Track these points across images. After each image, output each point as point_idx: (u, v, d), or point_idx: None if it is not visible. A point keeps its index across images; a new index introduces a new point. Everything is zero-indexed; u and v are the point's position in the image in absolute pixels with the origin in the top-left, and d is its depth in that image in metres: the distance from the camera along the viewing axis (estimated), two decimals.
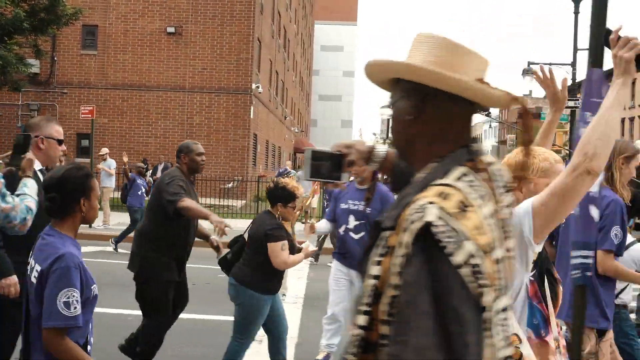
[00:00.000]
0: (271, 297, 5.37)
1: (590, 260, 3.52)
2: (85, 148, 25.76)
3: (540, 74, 3.37)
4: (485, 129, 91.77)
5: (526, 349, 2.42)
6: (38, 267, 3.03)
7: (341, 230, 6.36)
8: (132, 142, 27.07)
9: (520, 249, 2.42)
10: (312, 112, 72.49)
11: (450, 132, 1.65)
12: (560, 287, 2.75)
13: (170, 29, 27.20)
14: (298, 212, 12.31)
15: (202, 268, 10.68)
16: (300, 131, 55.17)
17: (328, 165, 2.16)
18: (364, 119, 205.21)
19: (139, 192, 14.20)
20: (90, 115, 19.31)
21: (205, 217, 5.39)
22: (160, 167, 22.16)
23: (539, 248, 2.52)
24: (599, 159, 2.38)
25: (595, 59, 3.46)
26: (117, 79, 27.33)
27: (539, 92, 61.30)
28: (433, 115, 1.65)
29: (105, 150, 18.32)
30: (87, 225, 11.59)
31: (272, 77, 35.65)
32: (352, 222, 6.28)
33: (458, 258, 1.42)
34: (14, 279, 4.00)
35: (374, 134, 78.86)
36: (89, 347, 3.09)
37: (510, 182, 1.70)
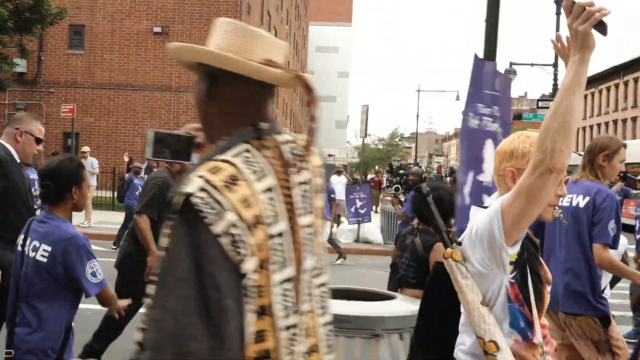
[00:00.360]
0: None
1: None
2: (71, 147, 25.80)
3: (557, 43, 2.86)
4: None
5: (505, 356, 2.30)
6: (47, 247, 3.42)
7: None
8: (118, 141, 27.13)
9: (493, 250, 2.30)
10: (306, 113, 72.49)
11: (241, 112, 1.75)
12: (547, 288, 2.51)
13: (157, 29, 27.28)
14: None
15: None
16: (294, 132, 55.21)
17: (173, 146, 2.24)
18: (358, 119, 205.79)
19: (137, 193, 14.31)
20: (70, 114, 19.35)
21: (147, 248, 5.50)
22: (143, 167, 22.18)
23: (514, 249, 2.35)
24: (562, 154, 2.14)
25: (489, 52, 3.55)
26: (103, 79, 27.39)
27: (530, 93, 61.37)
28: (224, 95, 1.76)
29: (86, 148, 18.38)
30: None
31: None
32: None
33: (218, 228, 1.50)
34: None
35: (369, 134, 78.85)
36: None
37: (301, 159, 1.78)
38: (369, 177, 40.15)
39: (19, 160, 4.30)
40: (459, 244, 2.43)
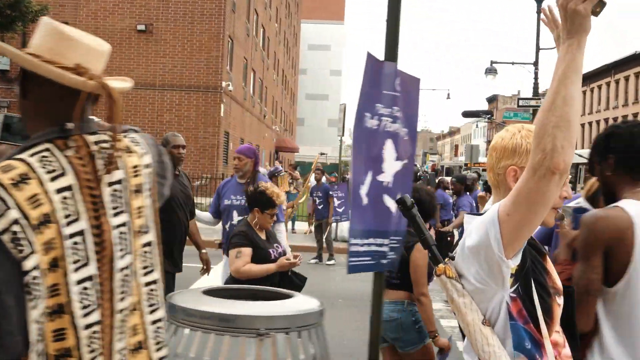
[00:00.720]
0: None
1: (385, 249, 3.63)
2: None
3: (548, 14, 2.65)
4: (473, 129, 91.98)
5: None
6: None
7: (227, 226, 6.36)
8: None
9: (491, 264, 2.04)
10: (298, 111, 72.54)
11: (49, 112, 1.80)
12: (558, 299, 2.19)
13: (141, 27, 27.24)
14: (290, 210, 12.25)
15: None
16: (284, 130, 55.23)
17: (22, 131, 2.30)
18: (350, 118, 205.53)
19: None
20: None
21: None
22: None
23: (515, 262, 2.05)
24: (564, 152, 1.87)
25: (390, 53, 3.57)
26: None
27: (506, 90, 61.42)
28: (34, 95, 1.81)
29: None
30: None
31: (248, 75, 35.68)
32: (236, 217, 6.29)
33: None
34: None
35: None
36: None
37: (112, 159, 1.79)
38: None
39: None
40: (452, 258, 2.18)
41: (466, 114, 25.78)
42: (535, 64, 20.95)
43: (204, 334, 2.99)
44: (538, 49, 20.76)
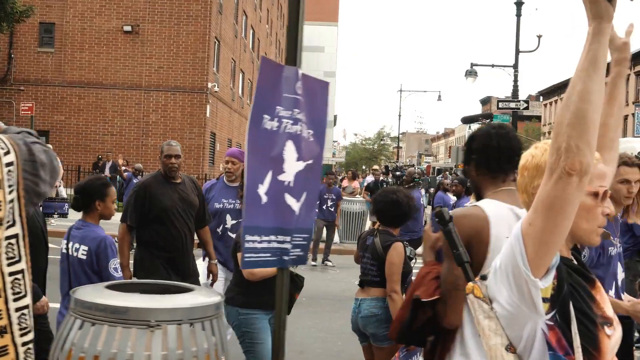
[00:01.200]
0: (263, 312, 4.93)
1: (287, 245, 3.76)
2: None
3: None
4: (467, 130, 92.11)
5: None
6: (85, 247, 4.39)
7: (219, 229, 6.29)
8: (88, 139, 27.24)
9: (519, 284, 1.88)
10: None
11: None
12: (607, 329, 1.97)
13: (127, 28, 27.38)
14: None
15: None
16: None
17: None
18: (344, 119, 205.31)
19: None
20: (29, 112, 19.47)
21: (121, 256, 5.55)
22: (108, 165, 22.31)
23: (546, 281, 1.88)
24: (579, 153, 1.73)
25: (291, 57, 3.71)
26: (74, 77, 27.49)
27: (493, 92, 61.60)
28: None
29: (49, 146, 18.54)
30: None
31: (236, 76, 35.81)
32: (230, 221, 6.25)
33: None
34: (45, 299, 4.42)
35: (355, 134, 79.16)
36: None
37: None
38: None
39: None
40: (483, 277, 2.07)
41: (465, 120, 25.63)
42: (515, 66, 21.14)
43: (99, 326, 3.13)
44: (518, 52, 20.97)
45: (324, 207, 14.14)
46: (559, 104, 1.84)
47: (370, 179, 19.99)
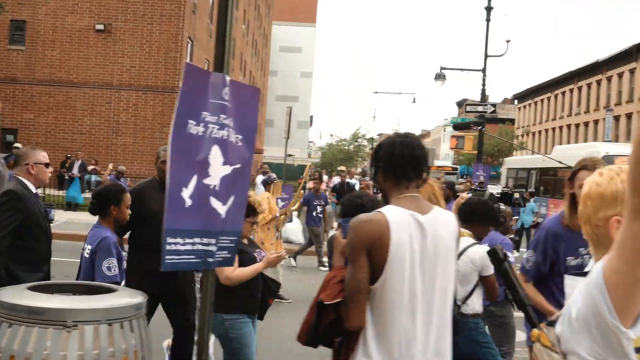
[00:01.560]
0: (248, 316, 4.96)
1: (213, 248, 3.83)
2: (9, 143, 25.70)
3: None
4: (442, 132, 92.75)
5: None
6: (89, 247, 4.62)
7: None
8: (57, 138, 27.05)
9: (606, 335, 1.72)
10: (268, 113, 72.58)
11: None
12: None
13: (99, 26, 27.24)
14: (284, 217, 12.22)
15: None
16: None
17: None
18: (320, 120, 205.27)
19: None
20: None
21: None
22: (77, 164, 22.20)
23: (637, 331, 1.73)
24: None
25: (218, 64, 3.78)
26: (44, 75, 27.30)
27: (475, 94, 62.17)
28: None
29: (18, 145, 18.47)
30: None
31: None
32: None
33: None
34: None
35: (331, 135, 79.26)
36: None
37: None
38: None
39: (34, 191, 4.94)
40: (551, 324, 1.95)
41: (457, 127, 25.48)
42: (484, 70, 21.38)
43: (16, 327, 3.17)
44: (486, 56, 21.20)
45: (314, 213, 14.06)
46: (532, 107, 1.66)
47: (337, 180, 20.07)
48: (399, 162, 2.91)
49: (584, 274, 1.86)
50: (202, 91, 3.61)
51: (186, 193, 3.57)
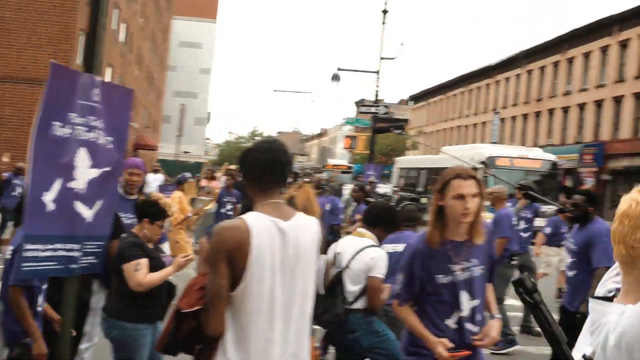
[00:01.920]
0: (152, 325, 4.81)
1: (76, 253, 3.76)
2: None
3: None
4: (339, 131, 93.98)
5: None
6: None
7: None
8: None
9: None
10: (165, 108, 71.27)
11: None
12: None
13: None
14: (196, 217, 11.75)
15: None
16: (146, 127, 54.10)
17: None
18: (217, 116, 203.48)
19: (13, 193, 14.15)
20: None
21: None
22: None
23: None
24: None
25: (89, 64, 3.72)
26: None
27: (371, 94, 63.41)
28: None
29: None
30: None
31: (103, 70, 34.79)
32: None
33: None
34: None
35: (230, 132, 78.75)
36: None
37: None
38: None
39: None
40: (587, 359, 1.79)
41: (377, 130, 25.46)
42: (378, 72, 21.89)
43: None
44: (381, 58, 21.71)
45: (222, 210, 13.63)
46: (425, 109, 1.55)
47: (224, 179, 19.85)
48: (263, 168, 2.95)
49: (609, 299, 1.77)
50: (69, 91, 3.54)
51: (48, 197, 3.48)
